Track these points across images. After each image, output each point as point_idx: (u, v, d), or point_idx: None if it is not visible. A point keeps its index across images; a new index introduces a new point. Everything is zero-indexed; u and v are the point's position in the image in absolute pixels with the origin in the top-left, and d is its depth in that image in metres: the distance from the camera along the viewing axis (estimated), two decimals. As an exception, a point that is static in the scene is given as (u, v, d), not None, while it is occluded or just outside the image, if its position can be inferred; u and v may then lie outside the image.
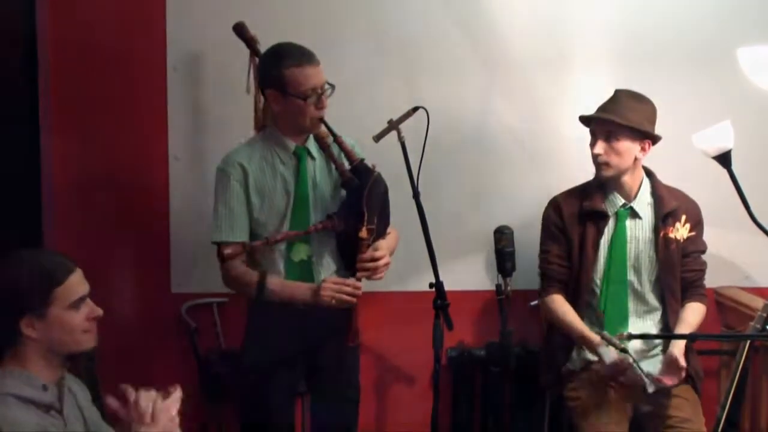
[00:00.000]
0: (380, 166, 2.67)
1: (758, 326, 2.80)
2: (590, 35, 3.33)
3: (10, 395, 1.88)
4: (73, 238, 3.20)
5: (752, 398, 3.18)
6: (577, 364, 2.93)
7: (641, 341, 2.88)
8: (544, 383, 3.07)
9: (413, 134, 2.62)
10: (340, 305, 2.61)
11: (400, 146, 2.60)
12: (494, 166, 3.36)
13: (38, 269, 1.95)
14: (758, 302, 2.94)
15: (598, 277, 2.92)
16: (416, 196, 2.61)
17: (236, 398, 3.06)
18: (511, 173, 3.36)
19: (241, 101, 2.92)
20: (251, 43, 2.91)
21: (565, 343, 2.95)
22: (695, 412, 2.87)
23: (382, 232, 2.71)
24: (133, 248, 3.31)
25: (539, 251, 3.02)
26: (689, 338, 2.86)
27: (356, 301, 2.62)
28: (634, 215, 2.93)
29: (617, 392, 2.85)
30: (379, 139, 2.63)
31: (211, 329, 3.30)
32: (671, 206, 2.91)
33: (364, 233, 2.59)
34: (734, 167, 2.67)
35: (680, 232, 2.93)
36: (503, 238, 2.69)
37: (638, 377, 2.76)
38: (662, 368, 2.83)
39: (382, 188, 2.69)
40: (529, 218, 3.18)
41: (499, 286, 2.66)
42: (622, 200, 2.93)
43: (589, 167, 2.93)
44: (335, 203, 2.70)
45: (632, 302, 2.93)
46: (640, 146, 2.86)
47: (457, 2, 3.29)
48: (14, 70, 3.10)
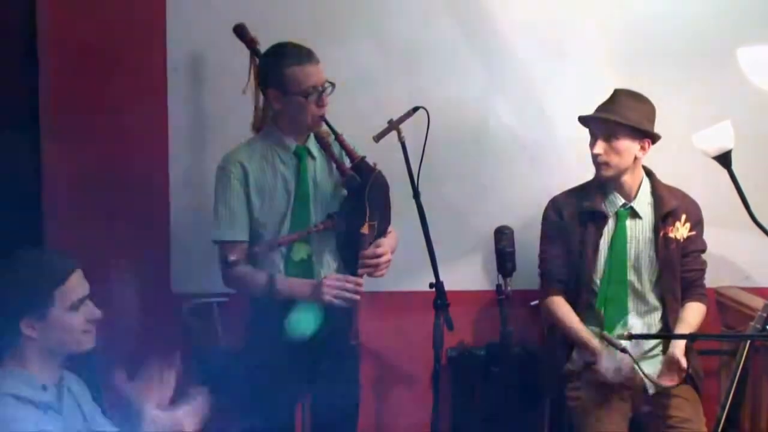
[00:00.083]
0: (380, 166, 2.67)
1: (758, 326, 2.80)
2: (590, 35, 3.32)
3: (9, 395, 1.88)
4: (73, 238, 3.19)
5: (752, 398, 3.18)
6: (577, 364, 2.93)
7: (641, 341, 2.88)
8: (544, 383, 3.07)
9: (413, 134, 2.62)
10: (341, 303, 2.61)
11: (400, 146, 2.60)
12: (494, 166, 3.35)
13: (38, 270, 1.95)
14: (758, 302, 2.94)
15: (598, 277, 2.92)
16: (416, 196, 2.61)
17: (236, 398, 3.05)
18: (511, 173, 3.36)
19: (241, 101, 2.92)
20: (252, 44, 2.91)
21: (565, 343, 2.95)
22: (695, 412, 2.87)
23: (383, 230, 2.71)
24: (133, 248, 3.30)
25: (539, 251, 3.02)
26: (689, 338, 2.86)
27: (359, 298, 2.61)
28: (634, 215, 2.93)
29: (617, 393, 2.85)
30: (379, 139, 2.63)
31: (211, 329, 3.30)
32: (671, 206, 2.91)
33: (365, 229, 2.58)
34: (734, 167, 2.67)
35: (680, 231, 2.93)
36: (503, 238, 2.68)
37: (638, 378, 2.76)
38: (663, 368, 2.83)
39: (383, 186, 2.69)
40: (529, 218, 3.17)
41: (499, 286, 2.65)
42: (622, 200, 2.92)
43: (589, 167, 2.93)
44: (335, 203, 2.70)
45: (632, 302, 2.93)
46: (639, 145, 2.85)
47: (457, 2, 3.29)
48: (14, 70, 3.10)
